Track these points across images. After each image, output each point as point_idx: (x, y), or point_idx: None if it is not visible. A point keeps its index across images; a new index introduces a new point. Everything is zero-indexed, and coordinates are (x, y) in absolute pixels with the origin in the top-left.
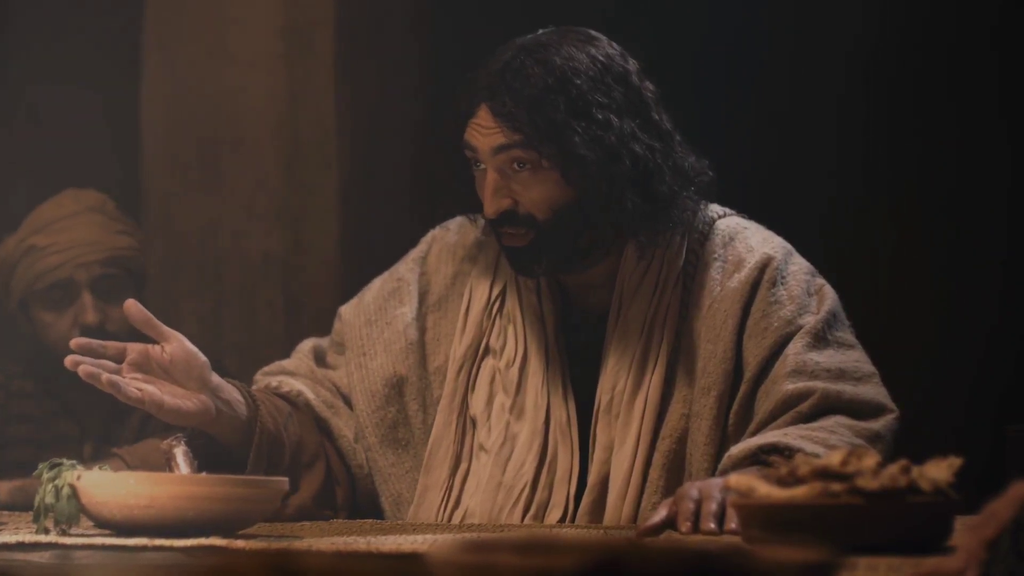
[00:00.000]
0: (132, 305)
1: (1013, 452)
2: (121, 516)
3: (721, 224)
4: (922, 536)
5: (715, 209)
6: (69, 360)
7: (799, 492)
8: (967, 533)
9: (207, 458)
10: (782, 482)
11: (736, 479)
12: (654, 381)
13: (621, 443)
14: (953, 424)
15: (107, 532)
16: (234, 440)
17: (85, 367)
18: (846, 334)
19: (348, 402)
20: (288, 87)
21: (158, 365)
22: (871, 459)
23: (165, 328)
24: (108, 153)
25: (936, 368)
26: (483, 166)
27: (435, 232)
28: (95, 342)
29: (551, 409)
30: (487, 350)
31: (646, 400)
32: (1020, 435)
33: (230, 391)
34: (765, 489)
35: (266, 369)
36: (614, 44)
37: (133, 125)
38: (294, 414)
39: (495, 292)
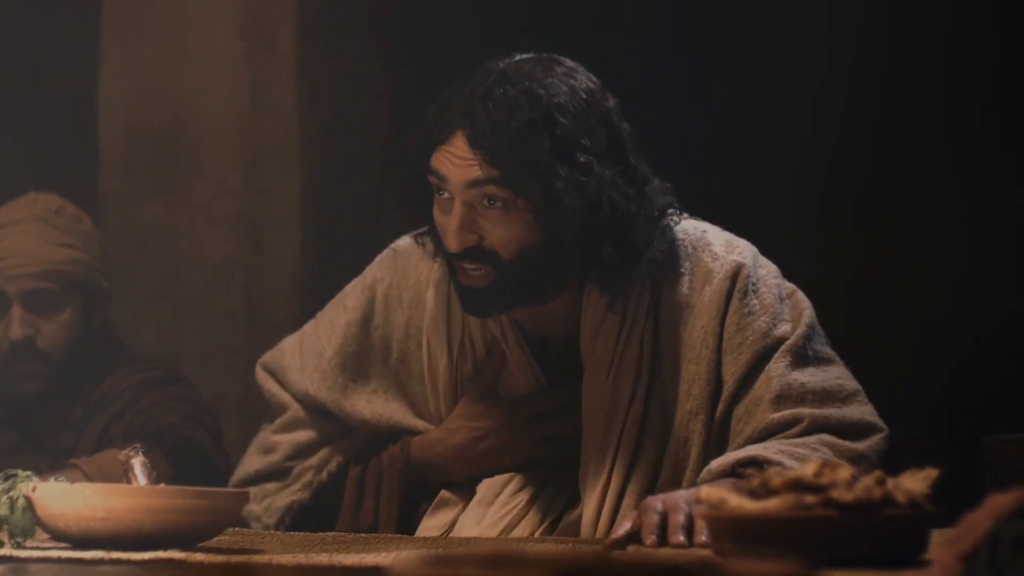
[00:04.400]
0: None
1: (991, 463)
2: (77, 528)
3: (680, 232)
4: (897, 549)
5: (672, 216)
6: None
7: (772, 504)
8: (943, 546)
9: None
10: (755, 494)
11: (708, 491)
12: (631, 417)
13: (597, 473)
14: (929, 435)
15: (63, 545)
16: None
17: None
18: (824, 347)
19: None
20: (249, 88)
21: None
22: (845, 471)
23: None
24: (65, 156)
25: (912, 378)
26: (447, 195)
27: (374, 273)
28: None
29: None
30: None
31: (620, 435)
32: (998, 445)
33: None
34: (737, 501)
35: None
36: (593, 77)
37: (91, 127)
38: None
39: (455, 348)
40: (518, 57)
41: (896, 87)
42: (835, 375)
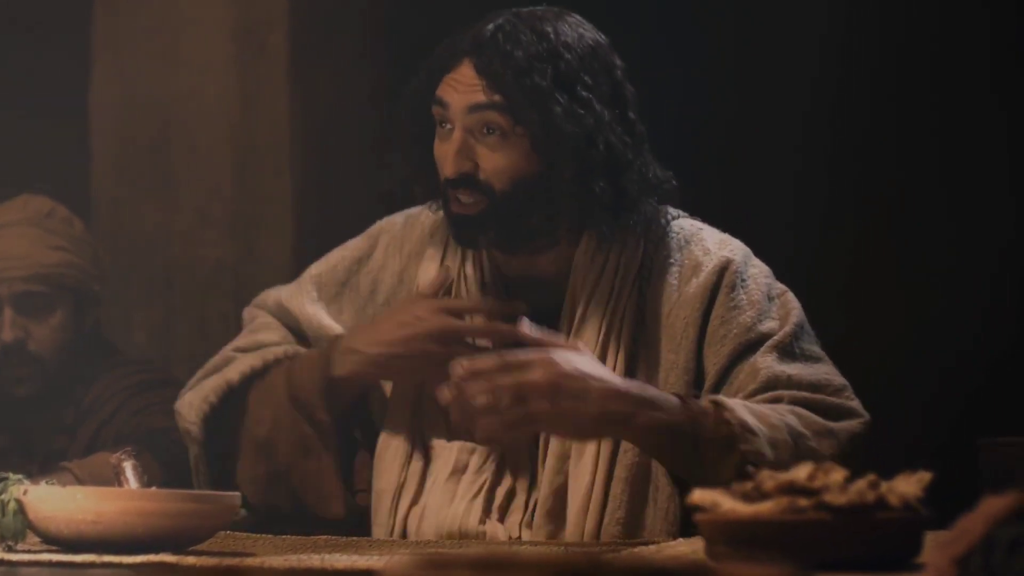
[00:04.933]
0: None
1: (985, 466)
2: (69, 532)
3: (676, 226)
4: (891, 553)
5: (669, 211)
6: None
7: (764, 507)
8: (937, 550)
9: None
10: (747, 497)
11: (700, 494)
12: None
13: (579, 455)
14: (924, 437)
15: (54, 548)
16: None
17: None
18: (813, 346)
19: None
20: (240, 90)
21: None
22: (838, 474)
23: None
24: (56, 158)
25: (906, 379)
26: (449, 126)
27: (382, 224)
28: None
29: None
30: None
31: None
32: (993, 448)
33: None
34: (730, 504)
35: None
36: (602, 36)
37: (82, 129)
38: None
39: (441, 294)
40: (530, 7)
41: (893, 88)
42: (823, 371)
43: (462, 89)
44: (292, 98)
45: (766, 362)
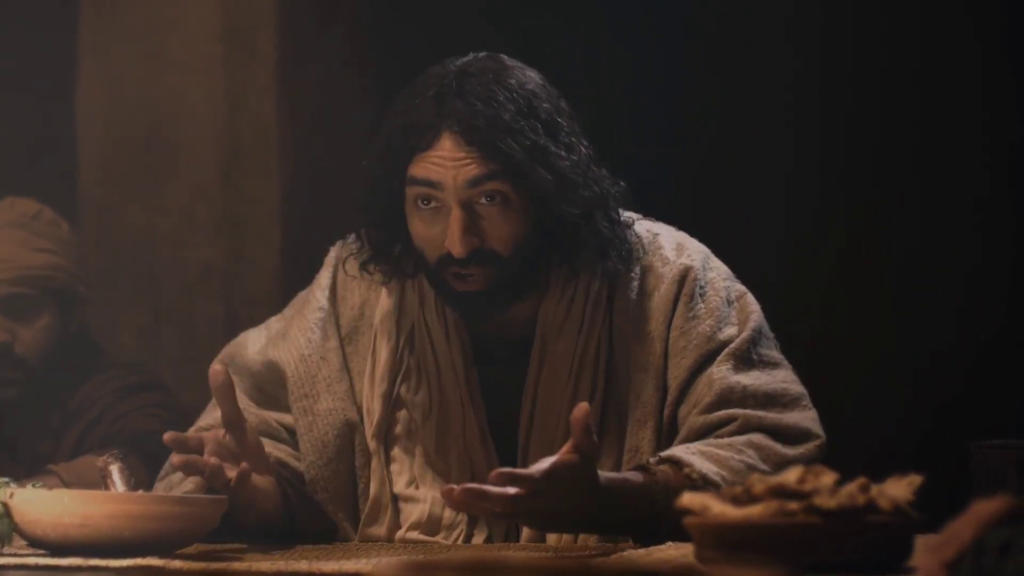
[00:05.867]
0: (219, 373)
1: (976, 469)
2: (55, 535)
3: (632, 235)
4: (881, 556)
5: (624, 217)
6: (176, 460)
7: (754, 511)
8: (927, 553)
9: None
10: (737, 500)
11: (690, 497)
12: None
13: None
14: (914, 440)
15: (41, 552)
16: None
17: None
18: (771, 351)
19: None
20: (228, 92)
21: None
22: (828, 477)
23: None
24: (43, 160)
25: (897, 383)
26: (436, 204)
27: (337, 252)
28: (183, 437)
29: (474, 461)
30: (399, 402)
31: None
32: (983, 452)
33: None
34: (720, 507)
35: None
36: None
37: (69, 131)
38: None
39: (403, 338)
40: (459, 61)
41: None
42: (780, 379)
43: (452, 165)
44: (279, 99)
45: (721, 372)
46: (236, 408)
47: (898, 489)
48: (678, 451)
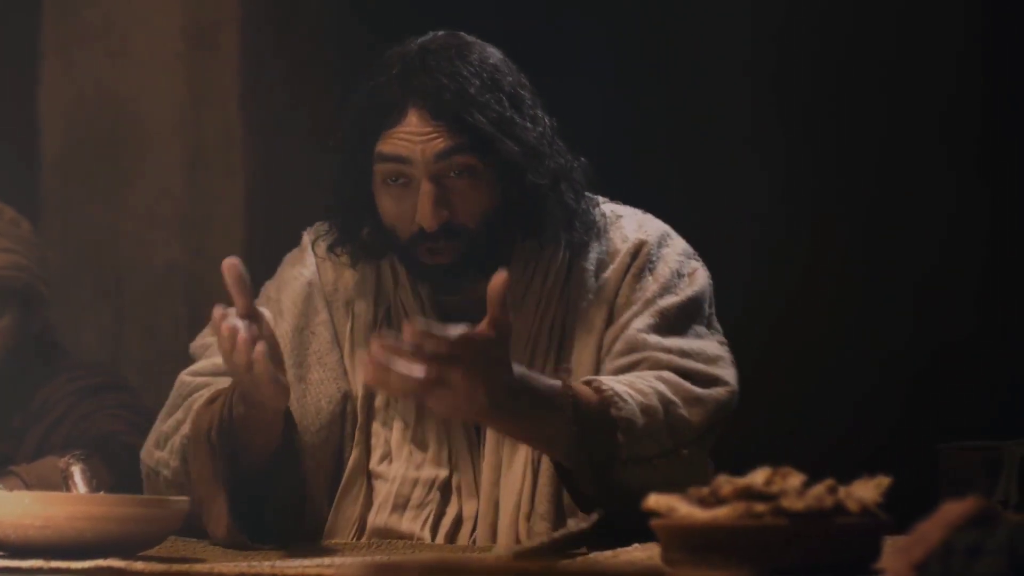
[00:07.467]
0: (234, 266)
1: (945, 471)
2: (16, 537)
3: (597, 214)
4: (849, 558)
5: (590, 198)
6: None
7: (721, 512)
8: (896, 555)
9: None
10: (704, 502)
11: (656, 499)
12: None
13: (509, 464)
14: (882, 442)
15: (1, 553)
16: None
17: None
18: (703, 327)
19: None
20: (190, 89)
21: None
22: (795, 479)
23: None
24: (3, 159)
25: (865, 384)
26: (404, 180)
27: (310, 234)
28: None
29: (451, 434)
30: None
31: None
32: (952, 454)
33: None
34: (686, 509)
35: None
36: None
37: (30, 129)
38: None
39: (380, 313)
40: (419, 39)
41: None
42: (699, 345)
43: (420, 140)
44: (243, 98)
45: (639, 323)
46: (251, 301)
47: (866, 491)
48: (596, 378)
